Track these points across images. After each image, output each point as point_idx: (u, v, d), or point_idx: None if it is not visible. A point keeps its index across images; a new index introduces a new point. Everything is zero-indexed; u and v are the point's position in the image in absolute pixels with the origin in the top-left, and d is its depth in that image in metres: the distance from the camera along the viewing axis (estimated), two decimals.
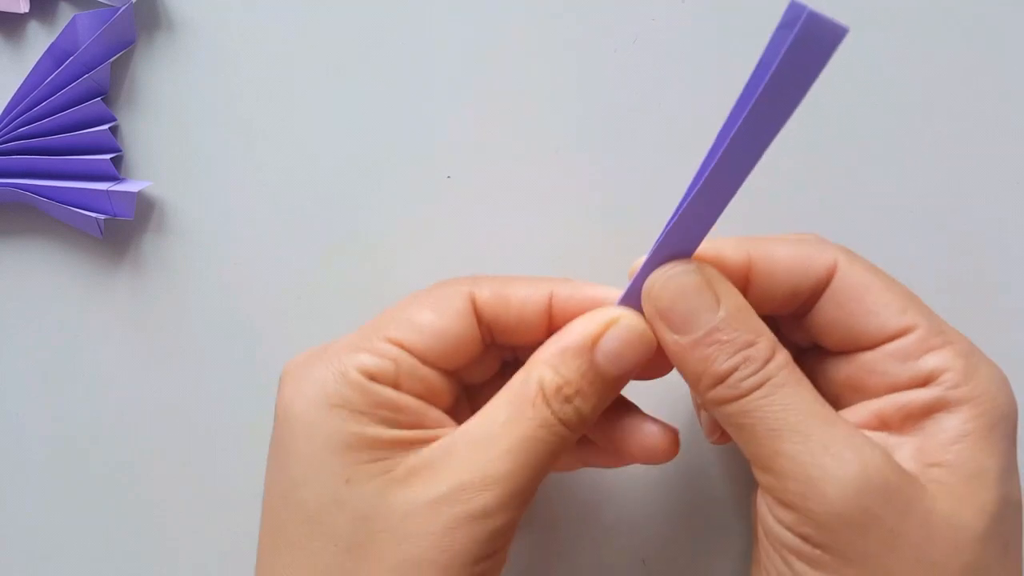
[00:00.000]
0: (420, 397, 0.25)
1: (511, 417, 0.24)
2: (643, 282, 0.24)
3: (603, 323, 0.24)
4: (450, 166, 0.32)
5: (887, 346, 0.24)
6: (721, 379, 0.23)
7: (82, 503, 0.33)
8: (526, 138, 0.32)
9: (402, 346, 0.24)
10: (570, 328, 0.25)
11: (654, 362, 0.25)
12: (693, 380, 0.23)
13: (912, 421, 0.24)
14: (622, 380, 0.25)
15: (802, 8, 0.19)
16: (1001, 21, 0.32)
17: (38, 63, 0.32)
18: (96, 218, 0.32)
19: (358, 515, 0.23)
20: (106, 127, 0.32)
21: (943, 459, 0.23)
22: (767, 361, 0.23)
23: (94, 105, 0.32)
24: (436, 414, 0.25)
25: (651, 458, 0.26)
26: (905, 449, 0.23)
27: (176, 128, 0.33)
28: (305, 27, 0.32)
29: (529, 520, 0.32)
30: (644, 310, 0.24)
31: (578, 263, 0.32)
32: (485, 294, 0.26)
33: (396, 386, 0.24)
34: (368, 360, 0.24)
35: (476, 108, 0.32)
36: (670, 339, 0.23)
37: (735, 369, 0.23)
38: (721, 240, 0.25)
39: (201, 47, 0.33)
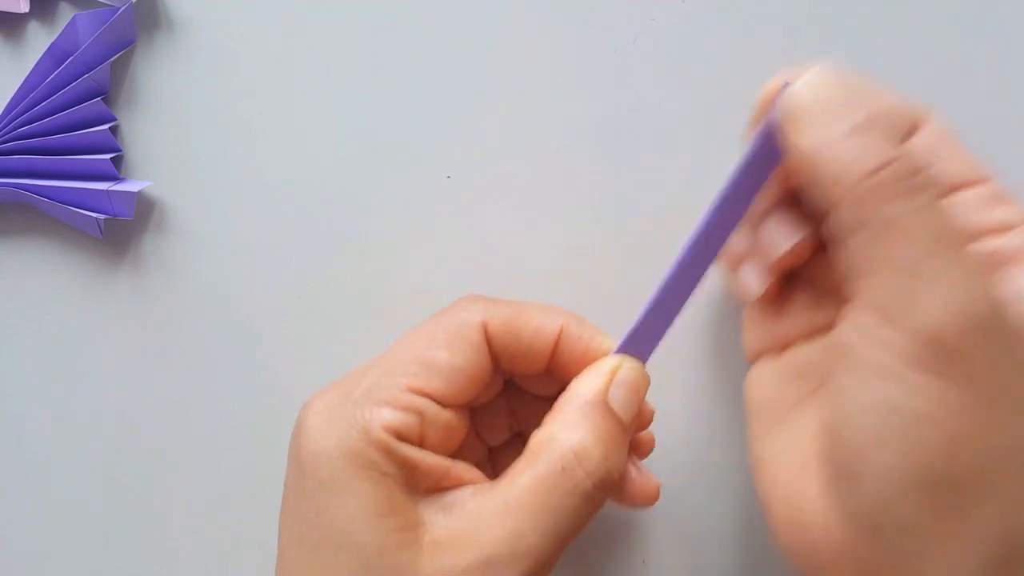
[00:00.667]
0: (443, 443, 0.25)
1: (539, 485, 0.23)
2: (643, 327, 0.25)
3: (608, 372, 0.25)
4: (450, 166, 0.32)
5: (960, 194, 0.25)
6: (877, 170, 0.21)
7: (82, 503, 0.33)
8: (526, 138, 0.32)
9: (423, 393, 0.24)
10: (578, 386, 0.25)
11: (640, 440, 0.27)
12: (834, 175, 0.22)
13: (1000, 268, 0.24)
14: (632, 428, 0.25)
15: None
16: (1002, 22, 0.32)
17: (38, 63, 0.32)
18: (96, 218, 0.32)
19: None
20: (106, 127, 0.32)
21: None
22: (921, 168, 0.21)
23: (94, 105, 0.32)
24: (460, 468, 0.25)
25: (635, 505, 0.26)
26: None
27: (176, 128, 0.33)
28: (305, 27, 0.32)
29: None
30: (780, 115, 0.23)
31: (578, 263, 0.32)
32: (497, 323, 0.26)
33: (421, 441, 0.24)
34: (391, 416, 0.24)
35: (476, 108, 0.32)
36: (813, 136, 0.22)
37: (890, 163, 0.21)
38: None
39: (201, 47, 0.33)
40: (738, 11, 0.32)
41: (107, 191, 0.32)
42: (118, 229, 0.33)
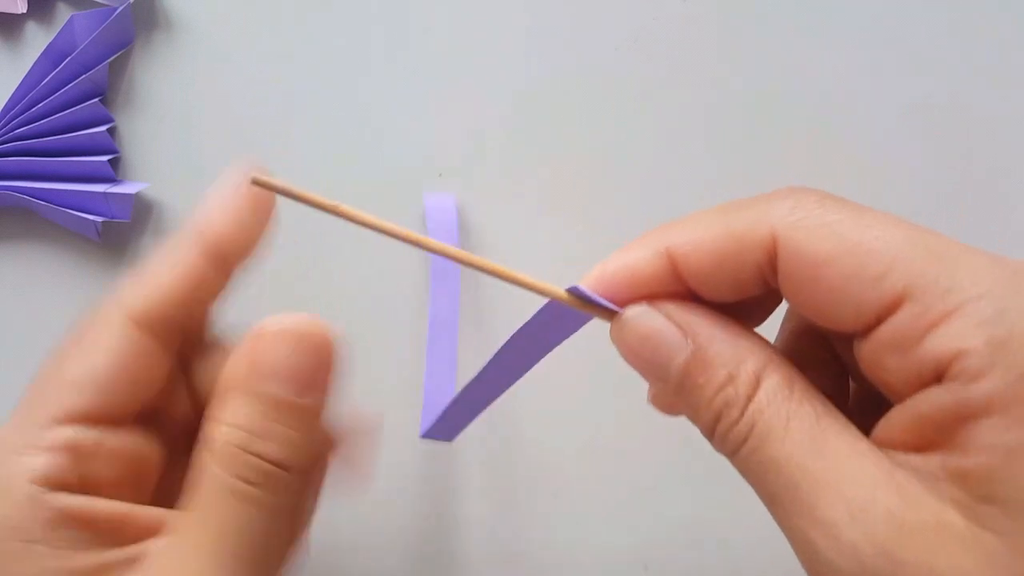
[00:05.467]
0: (128, 475, 0.20)
1: (195, 502, 0.19)
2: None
3: (253, 336, 0.20)
4: (447, 166, 0.32)
5: (876, 333, 0.17)
6: (710, 431, 0.19)
7: None
8: (524, 135, 0.32)
9: (74, 420, 0.19)
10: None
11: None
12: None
13: (945, 433, 0.17)
14: (304, 400, 0.20)
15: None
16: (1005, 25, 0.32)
17: (35, 64, 0.32)
18: (93, 221, 0.31)
19: None
20: (104, 128, 0.32)
21: (993, 494, 0.16)
22: (749, 399, 0.18)
23: (92, 106, 0.32)
24: (145, 514, 0.20)
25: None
26: (947, 478, 0.17)
27: (174, 129, 0.33)
28: (303, 27, 0.32)
29: (530, 523, 0.32)
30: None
31: (575, 262, 0.32)
32: (138, 302, 0.21)
33: (84, 483, 0.19)
34: (37, 463, 0.19)
35: (474, 106, 0.32)
36: (658, 392, 0.20)
37: (719, 416, 0.19)
38: (632, 248, 0.20)
39: (200, 47, 0.32)
40: (738, 11, 0.32)
41: (104, 193, 0.31)
42: (115, 232, 0.33)
